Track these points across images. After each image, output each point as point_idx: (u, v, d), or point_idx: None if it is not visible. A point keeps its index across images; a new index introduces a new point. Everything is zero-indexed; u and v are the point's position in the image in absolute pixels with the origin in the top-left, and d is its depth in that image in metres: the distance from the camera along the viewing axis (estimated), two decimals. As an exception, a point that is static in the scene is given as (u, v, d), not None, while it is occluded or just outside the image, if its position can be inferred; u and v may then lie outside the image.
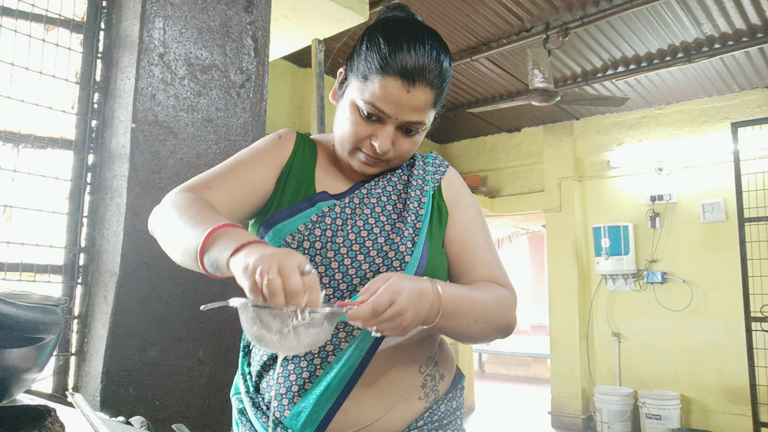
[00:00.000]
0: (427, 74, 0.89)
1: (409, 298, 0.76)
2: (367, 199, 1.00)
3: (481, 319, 0.89)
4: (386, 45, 0.89)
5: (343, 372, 0.88)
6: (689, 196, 5.20)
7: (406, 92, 0.89)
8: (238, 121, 1.80)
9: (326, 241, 0.93)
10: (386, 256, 0.93)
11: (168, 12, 1.65)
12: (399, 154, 0.97)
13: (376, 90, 0.89)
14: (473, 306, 0.88)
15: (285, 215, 0.96)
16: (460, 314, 0.86)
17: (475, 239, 1.03)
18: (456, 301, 0.85)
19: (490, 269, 1.00)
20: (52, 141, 1.57)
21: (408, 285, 0.78)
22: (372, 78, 0.90)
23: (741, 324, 3.83)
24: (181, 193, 0.90)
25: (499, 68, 4.70)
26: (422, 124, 0.94)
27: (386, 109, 0.90)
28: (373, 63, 0.90)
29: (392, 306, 0.75)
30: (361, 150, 0.96)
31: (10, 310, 0.76)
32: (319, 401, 0.88)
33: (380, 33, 0.92)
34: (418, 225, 0.97)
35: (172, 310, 1.57)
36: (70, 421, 0.90)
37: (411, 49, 0.88)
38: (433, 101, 0.92)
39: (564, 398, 5.65)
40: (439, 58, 0.91)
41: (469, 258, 1.01)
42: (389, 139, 0.93)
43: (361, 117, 0.93)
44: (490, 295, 0.93)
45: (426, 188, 1.03)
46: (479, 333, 0.91)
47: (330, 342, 0.90)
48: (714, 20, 3.81)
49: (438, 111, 0.99)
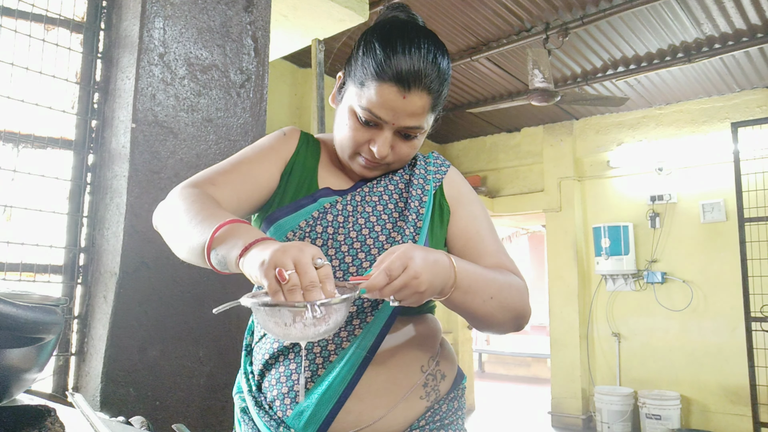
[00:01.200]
0: (423, 79, 0.88)
1: (422, 263, 0.77)
2: (369, 197, 1.00)
3: (497, 298, 0.89)
4: (382, 50, 0.89)
5: (345, 371, 0.88)
6: (689, 196, 5.20)
7: (402, 98, 0.88)
8: (238, 121, 1.80)
9: (327, 237, 0.94)
10: None
11: (168, 12, 1.65)
12: (398, 158, 0.97)
13: (373, 96, 0.89)
14: (488, 283, 0.88)
15: (287, 211, 0.96)
16: (474, 289, 0.86)
17: (479, 231, 1.03)
18: (470, 276, 0.85)
19: (498, 258, 1.00)
20: (52, 141, 1.57)
21: (421, 252, 0.78)
22: (368, 84, 0.90)
23: (741, 324, 3.83)
24: (186, 189, 0.90)
25: (499, 68, 4.70)
26: (420, 128, 0.94)
27: (383, 116, 0.90)
28: (368, 69, 0.90)
29: (406, 271, 0.75)
30: (360, 154, 0.96)
31: (10, 310, 0.76)
32: (321, 400, 0.88)
33: (376, 38, 0.91)
34: (419, 224, 0.98)
35: (172, 310, 1.57)
36: (70, 421, 0.90)
37: (406, 54, 0.88)
38: (430, 105, 0.92)
39: (564, 398, 5.65)
40: (436, 62, 0.90)
41: (475, 249, 1.01)
42: (387, 145, 0.93)
43: (359, 123, 0.93)
44: (503, 277, 0.93)
45: (427, 187, 1.03)
46: (494, 314, 0.90)
47: (332, 341, 0.90)
48: (714, 20, 3.81)
49: (438, 113, 0.99)
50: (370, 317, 0.91)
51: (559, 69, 4.66)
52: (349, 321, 0.91)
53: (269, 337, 0.96)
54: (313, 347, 0.91)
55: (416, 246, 0.79)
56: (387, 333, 0.91)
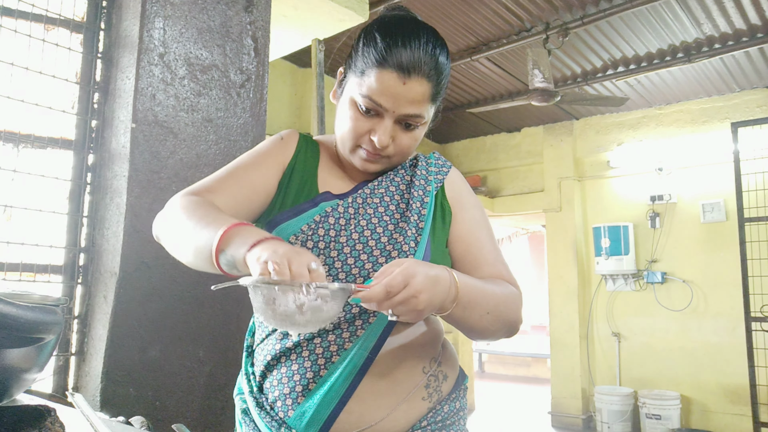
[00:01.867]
0: (422, 66, 0.90)
1: (424, 281, 0.77)
2: (371, 198, 1.00)
3: (493, 312, 0.90)
4: (382, 40, 0.90)
5: (347, 372, 0.88)
6: (689, 196, 5.20)
7: (403, 84, 0.89)
8: (238, 121, 1.80)
9: (329, 241, 0.94)
10: (389, 256, 0.93)
11: (168, 12, 1.65)
12: (399, 149, 0.97)
13: (373, 83, 0.90)
14: (486, 297, 0.89)
15: (288, 215, 0.96)
16: (474, 304, 0.86)
17: (479, 238, 1.03)
18: (471, 291, 0.86)
19: (495, 267, 1.00)
20: (52, 141, 1.57)
21: (423, 269, 0.78)
22: (369, 72, 0.91)
23: (741, 324, 3.83)
24: (186, 197, 0.90)
25: (499, 68, 4.70)
26: (421, 117, 0.94)
27: (383, 102, 0.91)
28: (369, 58, 0.91)
29: (406, 288, 0.75)
30: (361, 146, 0.96)
31: (10, 310, 0.76)
32: (323, 401, 0.88)
33: (376, 29, 0.93)
34: (420, 225, 0.97)
35: (172, 310, 1.57)
36: (70, 421, 0.90)
37: (406, 42, 0.89)
38: (430, 94, 0.93)
39: (564, 398, 5.65)
40: (435, 52, 0.92)
41: (474, 257, 1.01)
42: (388, 133, 0.93)
43: (360, 112, 0.94)
44: (500, 289, 0.94)
45: (429, 188, 1.03)
46: (489, 327, 0.91)
47: (334, 342, 0.90)
48: (714, 20, 3.81)
49: (437, 107, 0.99)
50: (373, 318, 0.91)
51: (559, 69, 4.66)
52: (351, 322, 0.91)
53: (271, 338, 0.96)
54: (315, 348, 0.91)
55: (419, 262, 0.79)
56: (389, 334, 0.91)
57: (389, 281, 0.75)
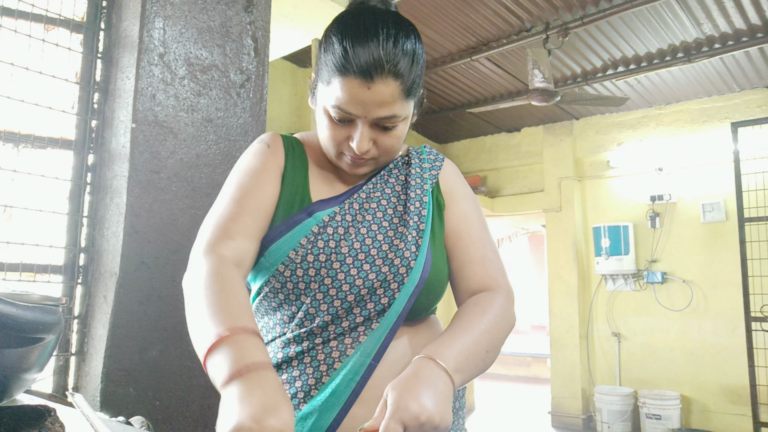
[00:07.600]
0: (385, 65, 0.84)
1: (434, 406, 0.72)
2: (367, 203, 0.97)
3: (492, 349, 0.88)
4: (339, 44, 0.86)
5: (349, 378, 0.87)
6: (689, 196, 5.20)
7: (368, 89, 0.85)
8: (238, 121, 1.80)
9: (330, 252, 0.91)
10: (392, 264, 0.91)
11: (168, 12, 1.65)
12: (384, 150, 0.93)
13: (339, 93, 0.86)
14: (480, 345, 0.86)
15: (282, 229, 0.92)
16: (473, 364, 0.84)
17: (469, 232, 1.00)
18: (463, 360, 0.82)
19: (483, 266, 0.97)
20: (52, 141, 1.57)
21: (427, 392, 0.74)
22: (333, 81, 0.87)
23: (741, 324, 3.83)
24: (203, 263, 0.85)
25: (499, 68, 4.70)
26: (396, 117, 0.89)
27: (352, 110, 0.87)
28: (330, 66, 0.87)
29: (422, 426, 0.71)
30: (344, 153, 0.93)
31: (10, 310, 0.76)
32: (325, 407, 0.87)
33: (333, 32, 0.89)
34: (421, 227, 0.96)
35: (172, 310, 1.57)
36: (70, 421, 0.90)
37: (364, 43, 0.84)
38: (401, 91, 0.87)
39: (564, 398, 5.65)
40: (398, 45, 0.86)
41: (462, 253, 0.98)
42: (366, 139, 0.89)
43: (333, 122, 0.90)
44: (487, 318, 0.89)
45: (426, 186, 1.01)
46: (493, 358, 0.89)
47: (336, 349, 0.89)
48: (714, 20, 3.81)
49: (419, 97, 0.95)
50: (375, 324, 0.90)
51: (559, 69, 4.66)
52: (354, 328, 0.89)
53: (273, 345, 0.95)
54: (318, 355, 0.89)
55: (418, 385, 0.75)
56: (392, 340, 0.90)
57: (401, 417, 0.70)
